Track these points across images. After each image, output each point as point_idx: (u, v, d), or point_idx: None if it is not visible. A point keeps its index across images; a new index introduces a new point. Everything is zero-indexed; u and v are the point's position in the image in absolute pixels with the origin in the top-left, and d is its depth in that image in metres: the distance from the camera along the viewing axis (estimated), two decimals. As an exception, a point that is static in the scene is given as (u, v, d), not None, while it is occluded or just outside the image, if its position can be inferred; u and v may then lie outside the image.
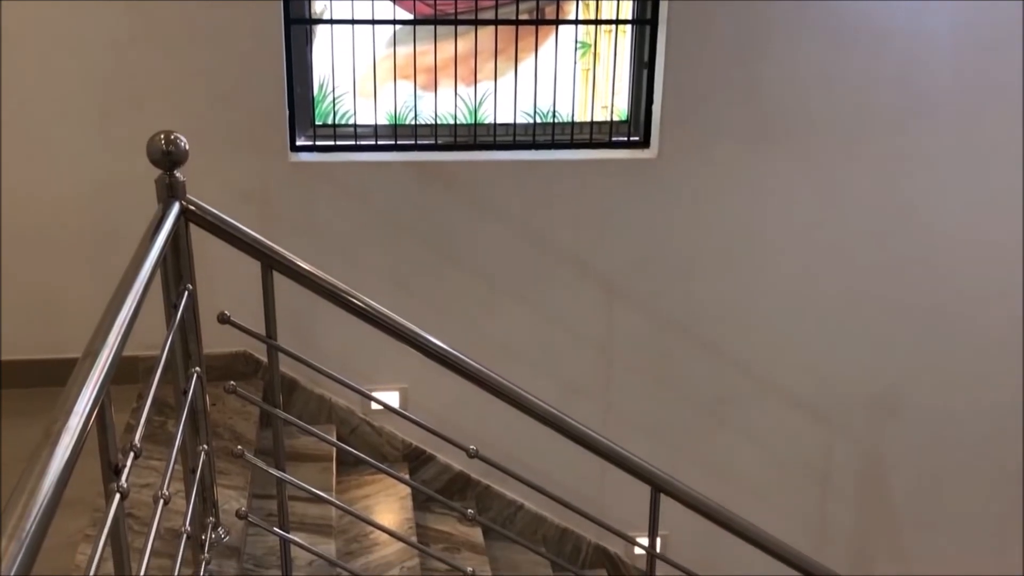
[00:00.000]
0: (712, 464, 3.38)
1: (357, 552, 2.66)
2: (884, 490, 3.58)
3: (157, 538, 2.05)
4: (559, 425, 2.23)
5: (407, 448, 3.18)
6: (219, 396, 2.73)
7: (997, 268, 3.35)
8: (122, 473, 1.26)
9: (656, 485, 2.31)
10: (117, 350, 1.28)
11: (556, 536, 3.39)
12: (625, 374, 3.27)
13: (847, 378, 3.40)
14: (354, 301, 2.04)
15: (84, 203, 2.81)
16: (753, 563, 2.84)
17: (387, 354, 2.82)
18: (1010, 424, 3.56)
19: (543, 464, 2.97)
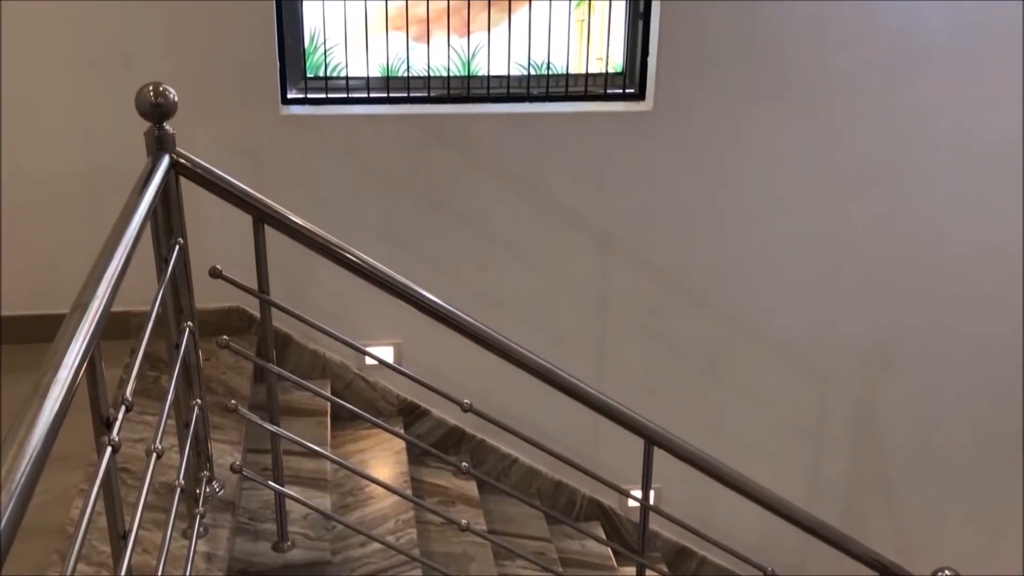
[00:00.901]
0: (705, 418, 3.39)
1: (352, 506, 2.67)
2: (877, 443, 3.60)
3: (151, 492, 2.06)
4: (553, 379, 2.23)
5: (401, 403, 3.18)
6: (212, 351, 2.72)
7: (994, 220, 3.34)
8: (113, 426, 1.26)
9: (649, 438, 2.32)
10: (107, 303, 1.27)
11: (550, 489, 3.40)
12: (619, 328, 3.27)
13: (841, 332, 3.41)
14: (347, 255, 2.03)
15: (74, 157, 2.79)
16: (745, 516, 2.86)
17: (381, 309, 2.81)
18: (1005, 377, 3.57)
19: (537, 418, 2.97)
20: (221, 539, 1.99)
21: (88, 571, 1.85)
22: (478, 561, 2.74)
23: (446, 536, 2.82)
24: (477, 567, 2.71)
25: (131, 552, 1.26)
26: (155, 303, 1.59)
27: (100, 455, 1.21)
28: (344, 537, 2.48)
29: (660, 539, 3.54)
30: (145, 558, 1.87)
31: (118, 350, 2.12)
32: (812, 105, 3.10)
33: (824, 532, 2.50)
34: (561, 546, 3.25)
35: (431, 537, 2.80)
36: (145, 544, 1.92)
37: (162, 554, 1.43)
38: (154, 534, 1.93)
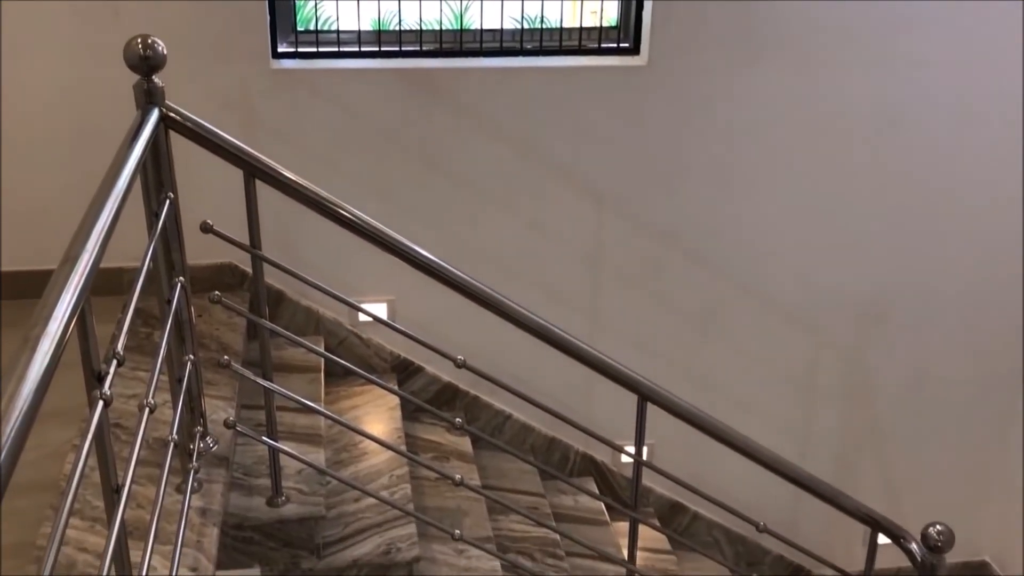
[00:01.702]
0: (698, 374, 3.40)
1: (347, 461, 2.67)
2: (869, 398, 3.62)
3: (145, 448, 2.07)
4: (546, 335, 2.22)
5: (395, 359, 3.18)
6: (205, 307, 2.71)
7: (991, 175, 3.33)
8: (105, 381, 1.25)
9: (642, 394, 2.32)
10: (96, 256, 1.26)
11: (544, 445, 3.42)
12: (612, 285, 3.27)
13: (835, 287, 3.41)
14: (339, 211, 2.01)
15: (63, 111, 2.75)
16: (738, 471, 2.88)
17: (374, 265, 2.81)
18: (997, 331, 3.58)
19: (530, 374, 2.98)
20: (215, 494, 2.00)
21: (82, 525, 1.85)
22: (472, 516, 2.76)
23: (440, 491, 2.83)
24: (471, 522, 2.72)
25: (124, 506, 1.26)
26: (146, 258, 1.58)
27: (92, 409, 1.20)
28: (338, 492, 2.49)
29: (653, 495, 3.57)
30: (139, 513, 1.88)
31: (110, 306, 2.11)
32: (808, 59, 3.08)
33: (816, 487, 2.51)
34: (554, 501, 3.27)
35: (425, 492, 2.81)
36: (139, 499, 1.92)
37: (156, 508, 1.43)
38: (148, 489, 1.93)
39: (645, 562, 3.25)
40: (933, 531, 2.39)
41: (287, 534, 2.23)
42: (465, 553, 2.57)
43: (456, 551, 2.58)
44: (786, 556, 3.77)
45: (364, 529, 2.41)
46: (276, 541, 2.23)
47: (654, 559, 3.31)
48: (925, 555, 2.41)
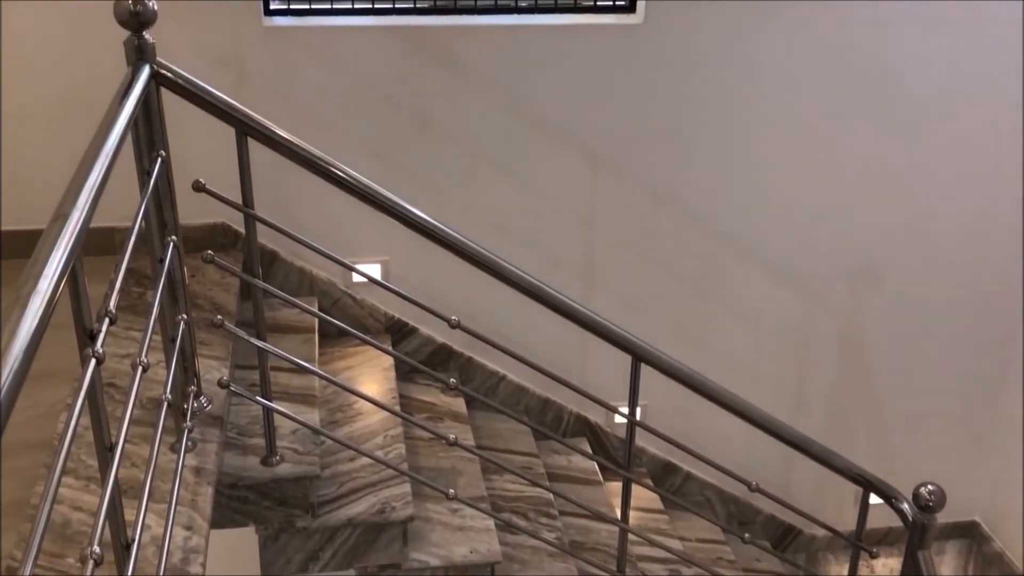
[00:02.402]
0: (693, 337, 3.40)
1: (341, 421, 2.68)
2: (862, 360, 3.63)
3: (139, 407, 2.07)
4: (540, 296, 2.22)
5: (389, 320, 3.18)
6: (198, 267, 2.71)
7: (989, 136, 3.31)
8: (97, 339, 1.25)
9: (636, 354, 2.32)
10: (87, 214, 1.25)
11: (538, 406, 3.43)
12: (607, 246, 3.26)
13: (830, 248, 3.40)
14: (333, 170, 2.00)
15: (52, 68, 2.72)
16: (730, 432, 2.89)
17: (367, 226, 2.80)
18: (991, 294, 3.59)
19: (525, 336, 2.98)
20: (209, 453, 2.00)
21: (77, 484, 1.85)
22: (466, 476, 2.77)
23: (434, 451, 2.84)
24: (465, 481, 2.74)
25: (118, 464, 1.26)
26: (137, 216, 1.56)
27: (84, 367, 1.20)
28: (333, 452, 2.50)
29: (646, 455, 3.58)
30: (133, 472, 1.88)
31: (103, 266, 2.10)
32: (805, 19, 3.05)
33: (808, 447, 2.52)
34: (548, 461, 3.29)
35: (419, 452, 2.82)
36: (133, 458, 1.92)
37: (150, 466, 1.43)
38: (142, 448, 1.93)
39: (638, 521, 3.28)
40: (924, 491, 2.40)
41: (282, 493, 2.24)
42: (459, 512, 2.59)
43: (450, 510, 2.59)
44: (778, 516, 3.80)
45: (359, 488, 2.42)
46: (271, 500, 2.24)
47: (647, 518, 3.33)
48: (916, 515, 2.42)
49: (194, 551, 1.73)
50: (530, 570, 2.61)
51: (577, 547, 2.90)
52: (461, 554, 2.46)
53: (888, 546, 3.86)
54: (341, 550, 2.35)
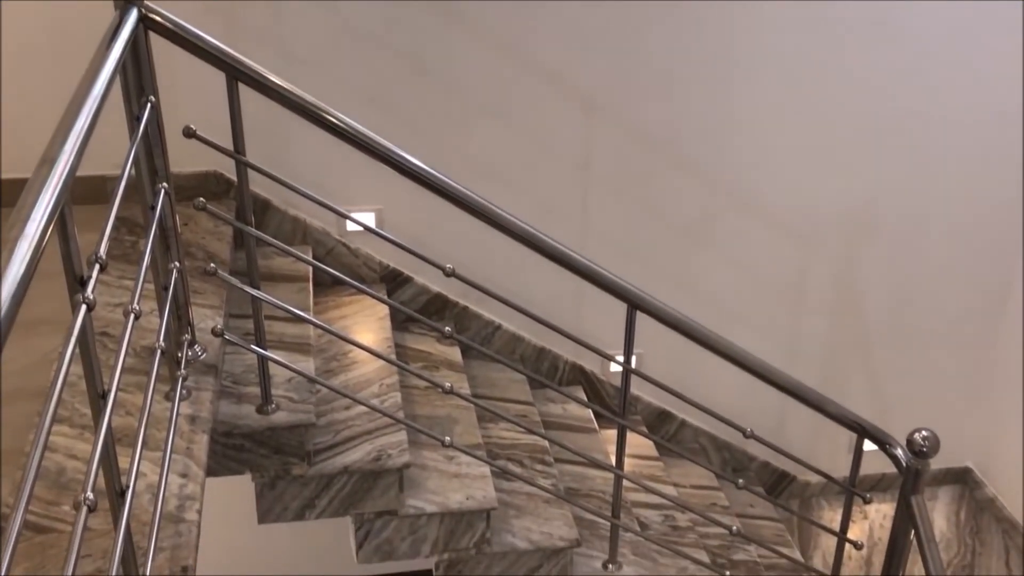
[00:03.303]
0: (688, 285, 3.39)
1: (336, 370, 2.68)
2: (858, 307, 3.63)
3: (132, 356, 2.06)
4: (535, 243, 2.21)
5: (384, 270, 3.16)
6: (190, 216, 2.69)
7: (988, 85, 3.29)
8: (88, 285, 1.23)
9: (632, 302, 2.32)
10: (75, 158, 1.23)
11: (533, 355, 3.43)
12: (602, 193, 3.24)
13: (826, 195, 3.39)
14: (326, 116, 1.98)
15: (38, 11, 2.68)
16: (725, 379, 2.90)
17: (361, 174, 2.77)
18: (988, 242, 3.58)
19: (520, 285, 2.97)
20: (204, 402, 2.00)
21: (71, 433, 1.85)
22: (462, 424, 2.77)
23: (430, 400, 2.84)
24: (461, 429, 2.74)
25: (111, 411, 1.26)
26: (127, 161, 1.54)
27: (75, 313, 1.19)
28: (328, 400, 2.50)
29: (641, 403, 3.60)
30: (128, 420, 1.88)
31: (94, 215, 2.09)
32: (804, -37, 3.01)
33: (802, 393, 2.53)
34: (543, 410, 3.29)
35: (415, 401, 2.82)
36: (128, 407, 1.92)
37: (143, 414, 1.42)
38: (136, 397, 1.93)
39: (633, 468, 3.30)
40: (918, 437, 2.41)
41: (277, 441, 2.24)
42: (455, 460, 2.60)
43: (446, 458, 2.60)
44: (772, 463, 3.83)
45: (354, 437, 2.42)
46: (266, 448, 2.24)
47: (642, 465, 3.35)
48: (910, 460, 2.44)
49: (190, 498, 1.74)
50: (526, 516, 2.63)
51: (572, 494, 2.92)
52: (457, 500, 2.47)
53: (881, 492, 3.89)
54: (337, 497, 2.36)
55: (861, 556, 3.63)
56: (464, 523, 2.49)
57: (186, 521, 1.69)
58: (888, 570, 2.62)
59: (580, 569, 2.67)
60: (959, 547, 3.75)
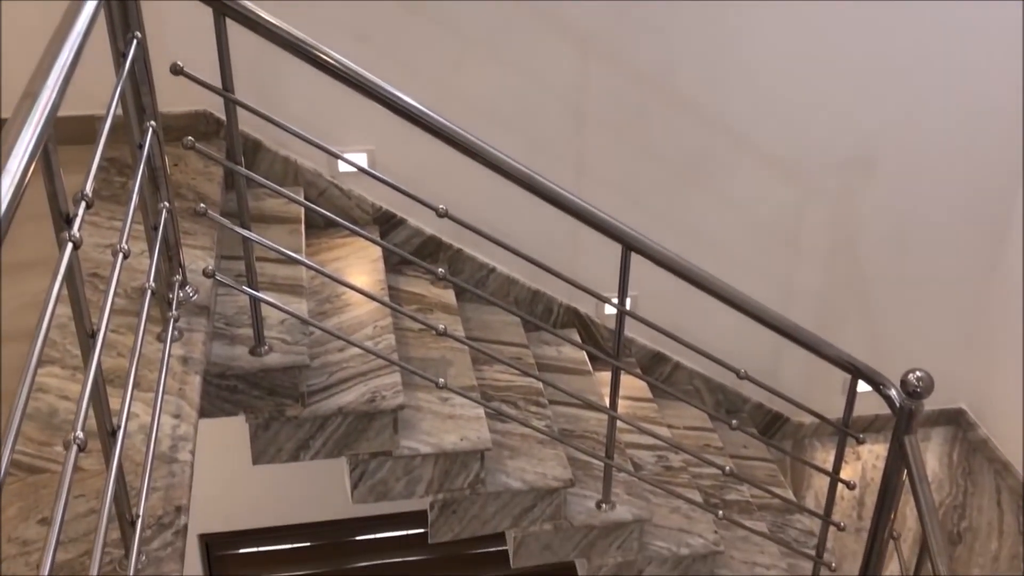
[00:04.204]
0: (684, 227, 3.38)
1: (330, 312, 2.67)
2: (854, 249, 3.61)
3: (124, 297, 2.05)
4: (530, 183, 2.19)
5: (377, 211, 3.14)
6: (180, 156, 2.66)
7: (987, 19, 3.23)
8: (74, 223, 1.21)
9: (627, 243, 2.30)
10: (59, 92, 1.20)
11: (528, 298, 3.42)
12: (598, 133, 3.20)
13: (823, 137, 3.35)
14: (317, 53, 1.94)
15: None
16: (720, 322, 2.89)
17: (352, 114, 2.74)
18: (984, 182, 3.56)
19: (514, 227, 2.94)
20: (197, 343, 1.98)
21: (63, 374, 1.84)
22: (456, 366, 2.77)
23: (424, 342, 2.84)
24: (455, 371, 2.74)
25: (100, 350, 1.24)
26: (113, 98, 1.51)
27: (61, 251, 1.17)
28: (322, 343, 2.49)
29: (635, 345, 3.60)
30: (120, 361, 1.87)
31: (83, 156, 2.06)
32: None
33: (797, 334, 2.52)
34: (538, 352, 3.29)
35: (409, 343, 2.82)
36: (119, 348, 1.91)
37: (134, 354, 1.41)
38: (128, 338, 1.92)
39: (627, 410, 3.31)
40: (912, 377, 2.42)
41: (271, 383, 2.24)
42: (449, 401, 2.60)
43: (440, 399, 2.60)
44: (765, 404, 3.84)
45: (348, 378, 2.42)
46: (260, 390, 2.24)
47: (636, 407, 3.36)
48: (904, 401, 2.44)
49: (183, 439, 1.73)
50: (520, 457, 2.64)
51: (566, 435, 2.93)
52: (451, 441, 2.47)
53: (874, 433, 3.91)
54: (332, 438, 2.36)
55: (853, 496, 3.66)
56: (459, 464, 2.50)
57: (179, 461, 1.69)
58: (880, 509, 2.64)
59: (574, 508, 2.68)
60: (951, 487, 3.78)
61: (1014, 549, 3.50)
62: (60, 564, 1.48)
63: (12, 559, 1.49)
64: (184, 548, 1.56)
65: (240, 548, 4.16)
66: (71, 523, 1.55)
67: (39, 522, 1.55)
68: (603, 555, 2.74)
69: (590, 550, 2.72)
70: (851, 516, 3.57)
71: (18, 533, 1.53)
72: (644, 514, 2.71)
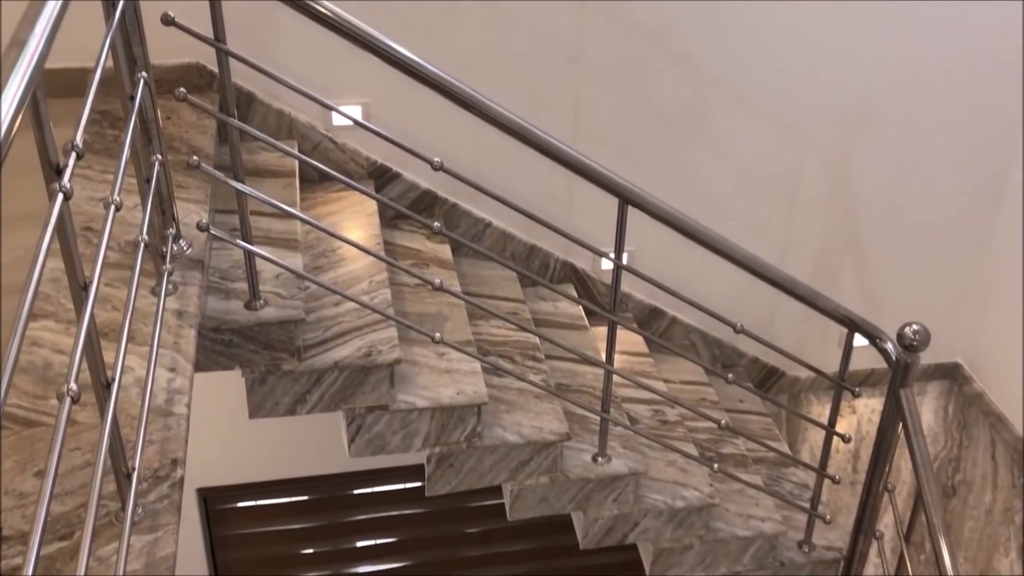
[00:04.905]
0: (681, 181, 3.36)
1: (325, 267, 2.65)
2: (851, 203, 3.60)
3: (118, 251, 2.03)
4: (526, 136, 2.17)
5: (371, 165, 3.12)
6: (173, 109, 2.63)
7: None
8: (64, 173, 1.20)
9: (623, 197, 2.29)
10: (47, 40, 1.18)
11: (524, 253, 3.41)
12: (595, 86, 3.17)
13: (821, 90, 3.33)
14: (311, 4, 1.91)
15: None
16: (717, 276, 2.89)
17: (347, 65, 2.71)
18: (985, 137, 3.54)
19: (511, 181, 2.93)
20: (191, 297, 1.98)
21: (57, 328, 1.84)
22: (452, 321, 2.77)
23: (420, 297, 2.83)
24: (451, 326, 2.74)
25: (93, 302, 1.24)
26: (103, 48, 1.50)
27: (51, 202, 1.16)
28: (317, 297, 2.48)
29: (632, 300, 3.59)
30: (114, 315, 1.86)
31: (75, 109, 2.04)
32: None
33: (793, 288, 2.52)
34: (534, 307, 3.29)
35: (405, 298, 2.81)
36: (114, 302, 1.90)
37: (128, 306, 1.40)
38: (122, 292, 1.91)
39: (623, 364, 3.31)
40: (909, 330, 2.42)
41: (267, 337, 2.23)
42: (446, 356, 2.59)
43: (437, 354, 2.60)
44: (761, 358, 3.85)
45: (344, 333, 2.41)
46: (256, 344, 2.23)
47: (632, 361, 3.37)
48: (900, 354, 2.44)
49: (178, 392, 1.73)
50: (516, 411, 2.64)
51: (563, 389, 2.93)
52: (448, 396, 2.48)
53: (870, 387, 3.93)
54: (328, 392, 2.37)
55: (848, 450, 3.68)
56: (455, 418, 2.50)
57: (175, 414, 1.69)
58: (875, 462, 2.66)
59: (570, 462, 2.69)
60: (946, 440, 3.80)
61: (1008, 502, 3.53)
62: (57, 516, 1.49)
63: (9, 511, 1.49)
64: (181, 501, 1.57)
65: (239, 502, 4.19)
66: (68, 476, 1.55)
67: (35, 475, 1.55)
68: (599, 508, 2.75)
69: (586, 503, 2.74)
70: (846, 469, 3.59)
71: (15, 486, 1.53)
72: (640, 467, 2.73)
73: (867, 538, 2.78)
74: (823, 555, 2.97)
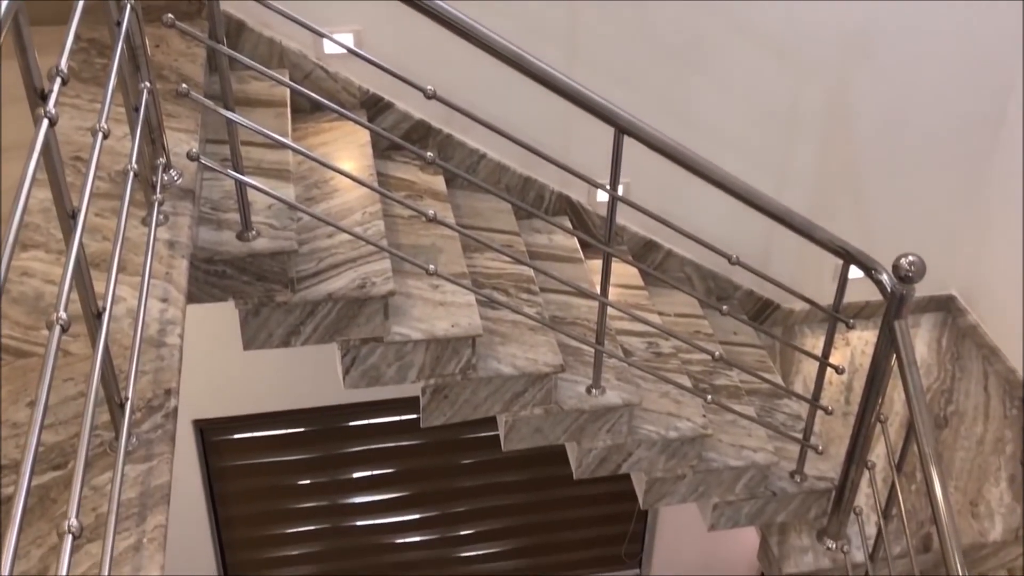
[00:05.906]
0: (678, 111, 3.32)
1: (318, 198, 2.63)
2: (849, 133, 3.56)
3: (108, 181, 2.01)
4: (521, 64, 2.14)
5: (364, 95, 3.07)
6: (161, 37, 2.58)
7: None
8: (49, 99, 1.18)
9: (619, 126, 2.26)
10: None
11: (519, 185, 3.38)
12: (591, 15, 3.12)
13: (820, 19, 3.27)
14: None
15: None
16: (712, 208, 2.87)
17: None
18: (985, 68, 3.49)
19: (505, 112, 2.89)
20: (182, 227, 1.96)
21: (48, 258, 1.82)
22: (447, 253, 2.75)
23: (414, 229, 2.81)
24: (445, 258, 2.72)
25: (81, 230, 1.22)
26: (86, -30, 1.45)
27: (37, 128, 1.13)
28: (310, 228, 2.47)
29: (627, 233, 3.58)
30: (105, 245, 1.84)
31: (62, 38, 2.00)
32: None
33: (789, 219, 2.51)
34: (529, 240, 3.27)
35: (399, 230, 2.79)
36: (104, 232, 1.88)
37: (118, 235, 1.39)
38: (111, 221, 1.89)
39: (618, 297, 3.31)
40: (904, 262, 2.41)
41: (259, 268, 2.22)
42: (440, 288, 2.59)
43: (431, 286, 2.59)
44: (756, 291, 3.84)
45: (338, 264, 2.40)
46: (249, 275, 2.22)
47: (627, 294, 3.36)
48: (895, 285, 2.44)
49: (171, 322, 1.72)
50: (511, 343, 2.64)
51: (557, 321, 2.93)
52: (443, 328, 2.47)
53: (864, 320, 3.93)
54: (322, 324, 2.36)
55: (842, 381, 3.70)
56: (450, 349, 2.50)
57: (168, 345, 1.68)
58: (868, 392, 2.67)
59: (564, 393, 2.70)
60: (939, 372, 3.82)
61: (999, 433, 3.55)
62: (51, 446, 1.49)
63: (4, 440, 1.49)
64: (175, 431, 1.57)
65: (235, 434, 4.21)
66: (61, 406, 1.55)
67: (28, 404, 1.55)
68: (593, 438, 2.77)
69: (580, 434, 2.75)
70: (839, 401, 3.61)
71: (8, 416, 1.53)
72: (633, 399, 2.74)
73: (859, 468, 2.80)
74: (815, 485, 3.00)
